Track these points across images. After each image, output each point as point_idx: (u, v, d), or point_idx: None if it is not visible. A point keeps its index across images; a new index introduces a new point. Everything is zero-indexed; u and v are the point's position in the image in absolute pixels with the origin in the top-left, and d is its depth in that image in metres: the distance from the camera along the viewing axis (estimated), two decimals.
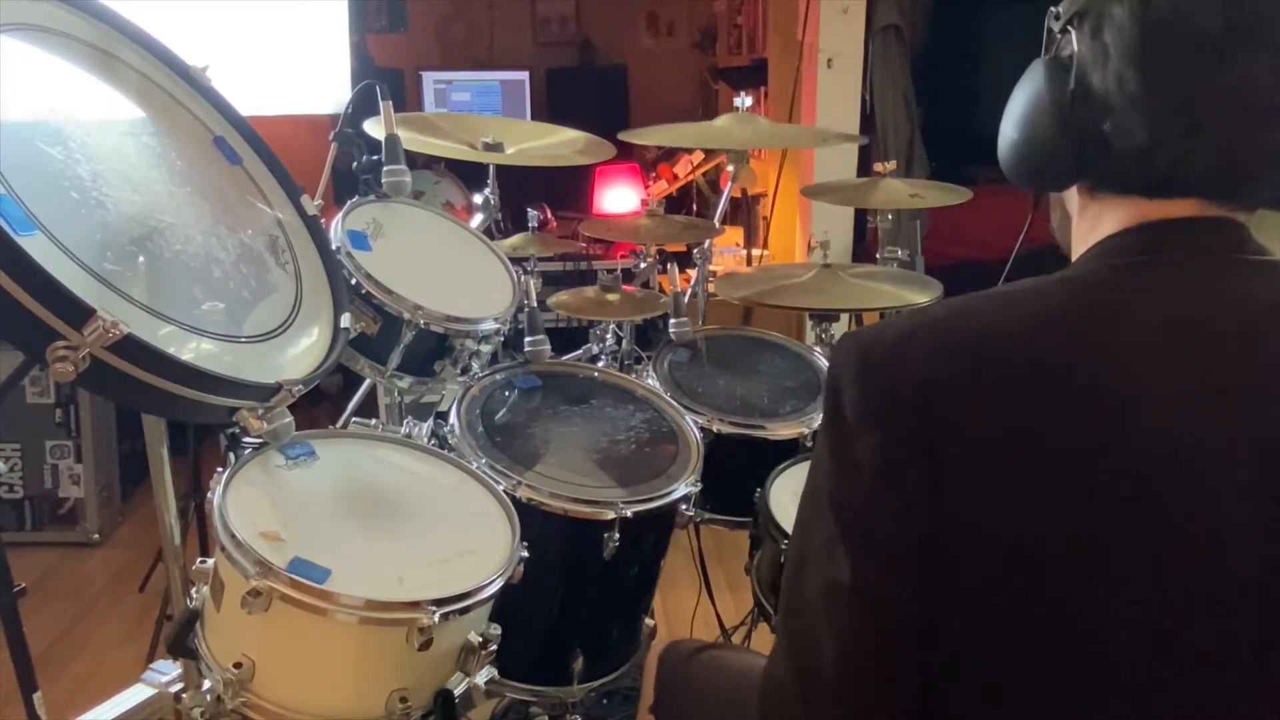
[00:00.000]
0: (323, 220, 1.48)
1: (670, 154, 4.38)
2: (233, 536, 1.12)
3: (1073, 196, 0.93)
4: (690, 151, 4.11)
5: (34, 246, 0.99)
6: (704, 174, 4.35)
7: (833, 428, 0.86)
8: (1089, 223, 0.90)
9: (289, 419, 1.25)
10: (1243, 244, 0.85)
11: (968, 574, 0.81)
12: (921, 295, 1.96)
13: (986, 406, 0.79)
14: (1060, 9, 0.87)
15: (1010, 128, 0.91)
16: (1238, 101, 0.80)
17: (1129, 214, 0.86)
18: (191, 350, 1.14)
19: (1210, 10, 0.79)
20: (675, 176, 4.25)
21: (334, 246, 1.49)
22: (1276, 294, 0.84)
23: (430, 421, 1.57)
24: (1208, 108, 0.81)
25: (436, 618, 1.12)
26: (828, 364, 1.58)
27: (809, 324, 2.86)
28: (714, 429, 1.76)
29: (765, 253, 4.09)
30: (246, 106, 1.44)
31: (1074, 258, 0.92)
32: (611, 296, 2.05)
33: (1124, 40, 0.81)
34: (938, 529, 0.80)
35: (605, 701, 2.00)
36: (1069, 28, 0.85)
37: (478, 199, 2.36)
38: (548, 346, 1.79)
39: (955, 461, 0.80)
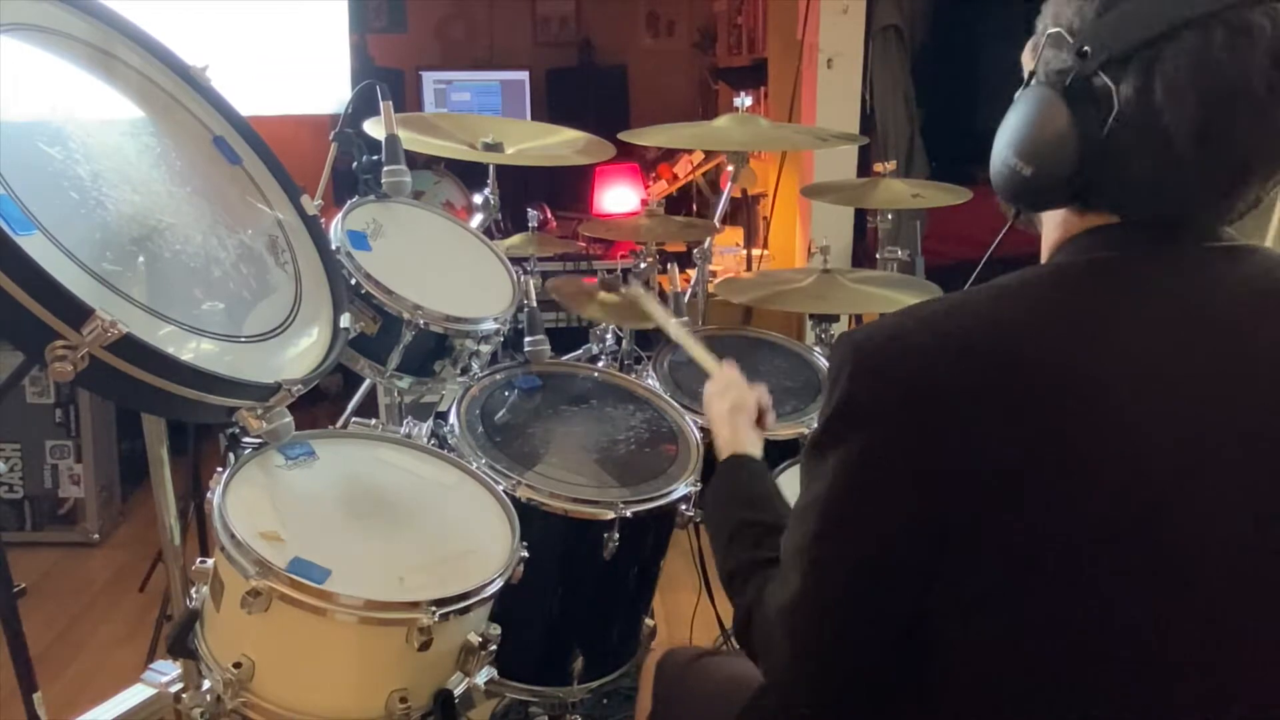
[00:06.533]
0: (322, 220, 1.48)
1: (670, 154, 4.38)
2: (232, 536, 1.12)
3: None
4: (690, 151, 4.11)
5: (33, 246, 0.99)
6: (704, 174, 4.35)
7: (827, 424, 0.86)
8: (1070, 222, 0.90)
9: (288, 419, 1.25)
10: (1213, 231, 0.86)
11: (963, 574, 0.81)
12: (919, 300, 1.96)
13: (979, 404, 0.80)
14: (1084, 44, 0.82)
15: (1015, 156, 0.87)
16: (1276, 150, 0.82)
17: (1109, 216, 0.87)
18: (191, 350, 1.14)
19: (1257, 72, 0.78)
20: (675, 176, 4.25)
21: (334, 246, 1.49)
22: (1255, 278, 0.85)
23: (430, 421, 1.56)
24: (1256, 162, 0.82)
25: (436, 618, 1.12)
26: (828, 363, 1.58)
27: (809, 324, 2.86)
28: None
29: (765, 253, 4.09)
30: (246, 106, 1.44)
31: (1045, 253, 0.92)
32: (608, 297, 2.04)
33: (1180, 108, 0.79)
34: (928, 528, 0.81)
35: (605, 701, 2.00)
36: (1103, 71, 0.81)
37: (478, 199, 2.37)
38: (548, 346, 1.79)
39: (947, 460, 0.80)
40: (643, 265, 2.31)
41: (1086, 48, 0.82)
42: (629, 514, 1.48)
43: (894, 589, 0.84)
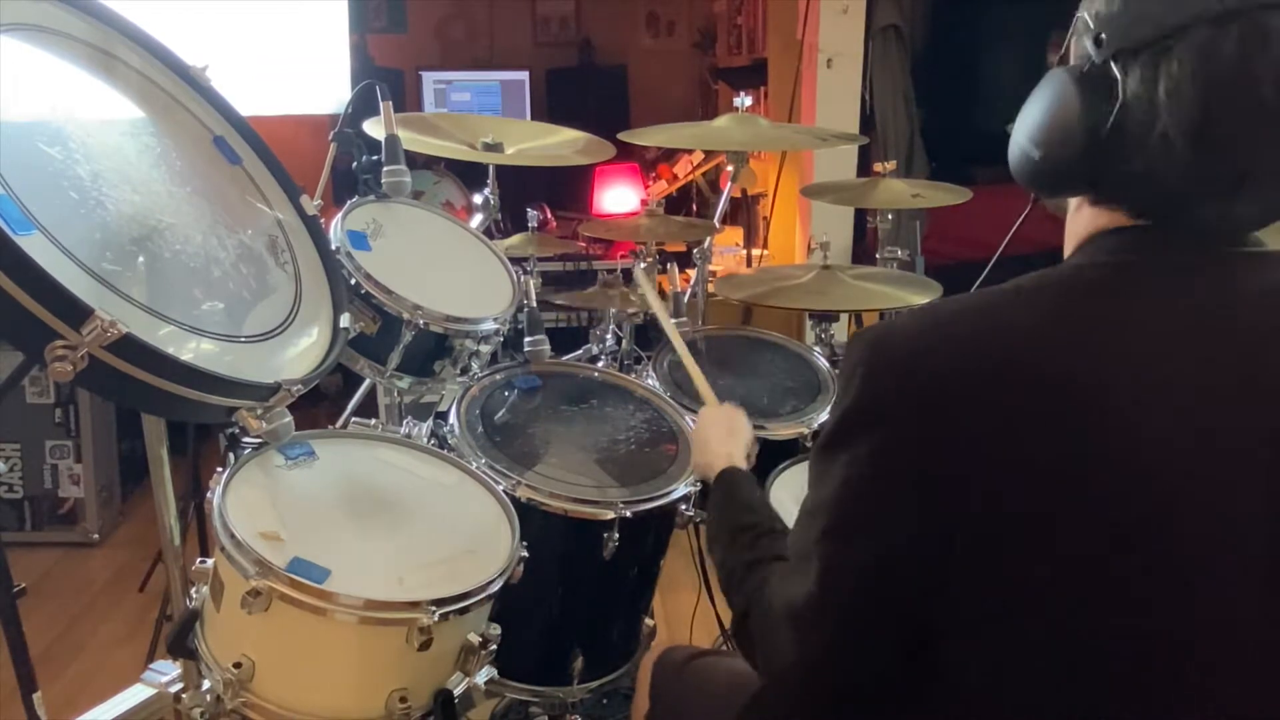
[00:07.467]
0: (322, 220, 1.48)
1: (670, 154, 4.38)
2: (232, 536, 1.12)
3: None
4: (690, 151, 4.11)
5: (32, 246, 0.99)
6: (704, 174, 4.35)
7: (839, 424, 0.86)
8: (1087, 217, 0.89)
9: (288, 419, 1.25)
10: (1239, 236, 0.85)
11: (970, 578, 0.81)
12: (920, 296, 1.96)
13: (990, 410, 0.79)
14: (1101, 31, 0.82)
15: (1028, 140, 0.88)
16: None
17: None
18: (191, 350, 1.14)
19: (1269, 77, 0.77)
20: (675, 176, 4.25)
21: (333, 246, 1.49)
22: (1276, 284, 0.84)
23: (430, 421, 1.57)
24: (1256, 169, 0.80)
25: (436, 618, 1.12)
26: (840, 361, 1.59)
27: (809, 324, 2.86)
28: None
29: (765, 253, 4.09)
30: (246, 106, 1.44)
31: (1067, 248, 0.91)
32: (613, 293, 2.05)
33: (1179, 107, 0.78)
34: (936, 531, 0.81)
35: (605, 701, 2.00)
36: (1114, 61, 0.81)
37: (478, 199, 2.37)
38: (548, 346, 1.79)
39: (956, 464, 0.80)
40: (642, 265, 2.31)
41: (1103, 34, 0.82)
42: (629, 514, 1.48)
43: (903, 592, 0.84)
